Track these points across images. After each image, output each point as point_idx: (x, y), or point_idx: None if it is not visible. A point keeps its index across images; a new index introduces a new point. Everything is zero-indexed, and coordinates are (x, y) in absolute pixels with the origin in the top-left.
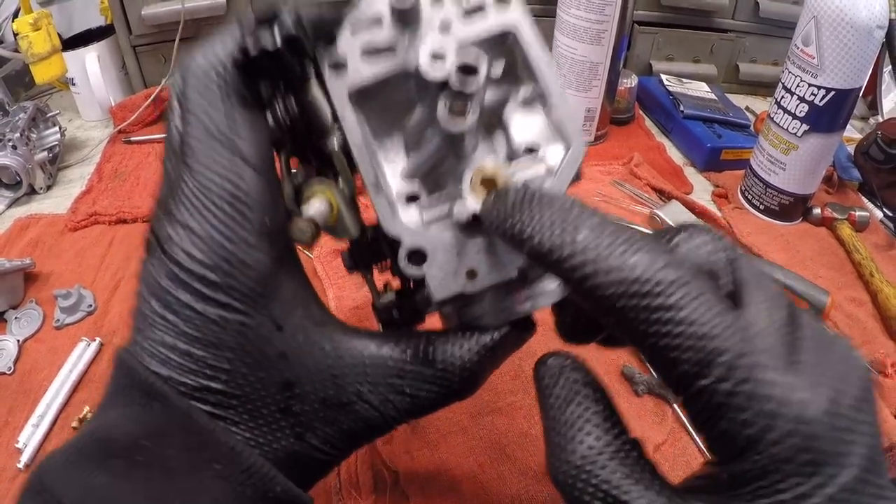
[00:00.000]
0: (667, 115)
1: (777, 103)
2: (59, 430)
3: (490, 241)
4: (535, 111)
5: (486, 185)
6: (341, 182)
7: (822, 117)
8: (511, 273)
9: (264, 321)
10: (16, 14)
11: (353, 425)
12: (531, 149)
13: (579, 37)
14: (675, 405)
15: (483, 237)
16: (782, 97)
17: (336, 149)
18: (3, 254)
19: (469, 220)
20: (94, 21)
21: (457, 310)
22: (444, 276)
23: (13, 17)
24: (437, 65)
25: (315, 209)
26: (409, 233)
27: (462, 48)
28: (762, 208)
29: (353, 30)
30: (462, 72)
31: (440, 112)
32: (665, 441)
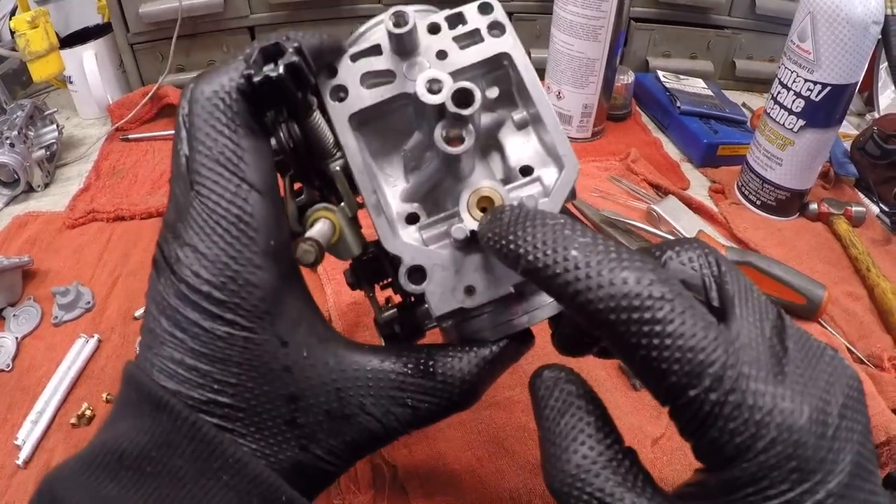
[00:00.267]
0: (663, 111)
1: (773, 98)
2: (58, 427)
3: (487, 259)
4: (529, 134)
5: (483, 205)
6: (343, 204)
7: (818, 112)
8: (508, 289)
9: (270, 337)
10: (13, 12)
11: (357, 436)
12: (526, 170)
13: (576, 33)
14: None
15: (480, 255)
16: (778, 92)
17: (338, 171)
18: (2, 251)
19: (466, 238)
20: (92, 19)
21: (456, 324)
22: (443, 293)
23: (10, 15)
24: (435, 91)
25: (318, 230)
26: (409, 251)
27: (458, 74)
28: (759, 204)
29: (354, 58)
30: (458, 97)
31: (438, 136)
32: (663, 435)
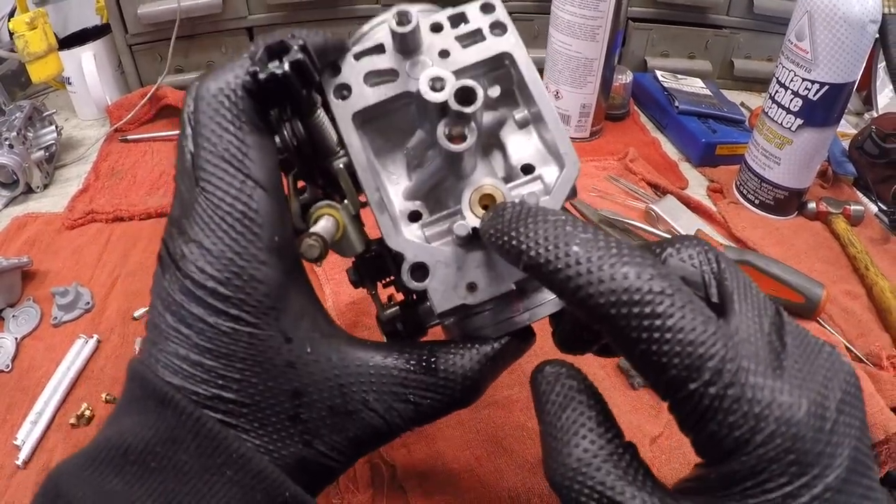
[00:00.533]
0: (662, 110)
1: (771, 98)
2: (57, 427)
3: (489, 256)
4: (530, 133)
5: (485, 203)
6: (347, 201)
7: (816, 111)
8: (509, 286)
9: (274, 333)
10: (12, 13)
11: (360, 432)
12: (527, 168)
13: (574, 33)
14: None
15: (482, 252)
16: (776, 92)
17: (341, 169)
18: (1, 252)
19: (468, 235)
20: (91, 20)
21: (458, 321)
22: (445, 290)
23: (9, 17)
24: (437, 89)
25: (322, 226)
26: (412, 248)
27: (460, 73)
28: (757, 203)
29: (357, 56)
30: (461, 94)
31: (440, 133)
32: (661, 433)
